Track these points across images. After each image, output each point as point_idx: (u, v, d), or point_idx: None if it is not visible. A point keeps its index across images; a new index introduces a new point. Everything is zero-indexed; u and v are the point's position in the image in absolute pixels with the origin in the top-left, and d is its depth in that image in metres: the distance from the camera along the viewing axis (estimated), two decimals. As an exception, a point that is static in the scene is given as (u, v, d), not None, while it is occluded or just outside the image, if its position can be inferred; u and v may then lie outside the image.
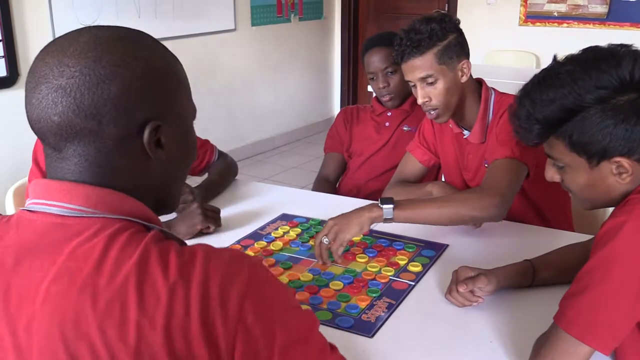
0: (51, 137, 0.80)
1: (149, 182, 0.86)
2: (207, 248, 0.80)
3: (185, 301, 0.74)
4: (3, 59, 3.57)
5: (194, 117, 0.93)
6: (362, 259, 1.65)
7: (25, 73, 3.57)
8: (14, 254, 0.78)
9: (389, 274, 1.57)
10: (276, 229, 1.87)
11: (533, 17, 5.22)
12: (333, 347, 0.88)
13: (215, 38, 4.91)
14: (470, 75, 1.87)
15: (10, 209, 1.93)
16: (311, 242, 1.74)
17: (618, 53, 1.10)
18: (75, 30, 0.82)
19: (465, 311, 1.42)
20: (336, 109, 6.51)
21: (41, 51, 0.82)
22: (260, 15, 5.42)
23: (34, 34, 3.64)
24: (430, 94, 1.81)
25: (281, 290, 0.84)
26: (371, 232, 1.81)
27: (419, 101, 1.83)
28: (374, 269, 1.59)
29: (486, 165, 1.88)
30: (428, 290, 1.51)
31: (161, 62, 0.85)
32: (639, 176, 1.13)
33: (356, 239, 1.77)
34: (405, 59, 1.80)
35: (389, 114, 2.42)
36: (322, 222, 1.89)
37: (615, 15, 5.00)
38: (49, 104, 0.78)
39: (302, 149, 5.81)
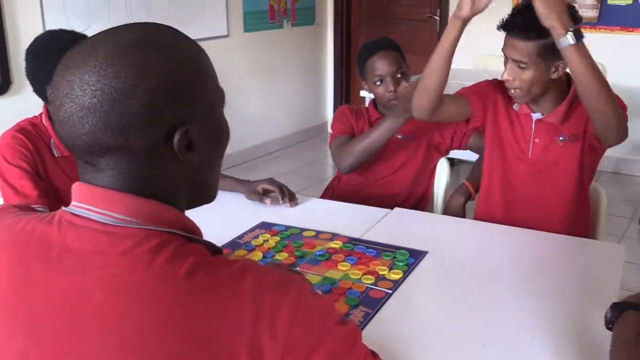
0: (83, 153, 0.80)
1: (185, 181, 0.86)
2: (252, 263, 0.82)
3: (238, 313, 0.76)
4: (-5, 67, 3.58)
5: (223, 102, 0.91)
6: (343, 267, 1.66)
7: (17, 80, 3.60)
8: (57, 256, 0.79)
9: (369, 282, 1.58)
10: (256, 237, 1.87)
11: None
12: (375, 354, 0.90)
13: (208, 44, 4.80)
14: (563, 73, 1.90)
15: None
16: None
17: None
18: (92, 39, 0.81)
19: (442, 321, 1.44)
20: (329, 114, 6.51)
21: (61, 64, 0.80)
22: (253, 21, 5.44)
23: (27, 41, 3.58)
24: (516, 76, 1.86)
25: (327, 304, 0.86)
26: (350, 240, 1.83)
27: (504, 77, 1.89)
28: (355, 277, 1.60)
29: (561, 139, 1.95)
30: (405, 299, 1.52)
31: (183, 60, 0.82)
32: None
33: (337, 244, 1.80)
34: (512, 33, 1.85)
35: None
36: (302, 230, 1.91)
37: (605, 19, 5.04)
38: (76, 123, 0.77)
39: (295, 154, 5.83)
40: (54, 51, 1.78)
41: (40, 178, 1.84)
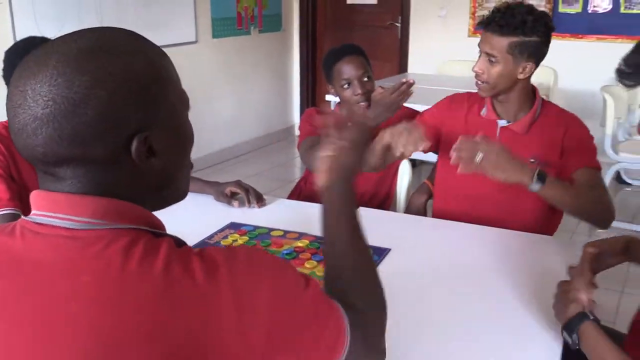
0: (39, 164, 0.77)
1: (150, 183, 0.82)
2: (217, 250, 0.81)
3: (218, 302, 0.74)
4: (-34, 72, 3.52)
5: (187, 107, 0.86)
6: (310, 265, 1.67)
7: (-13, 85, 3.55)
8: (26, 270, 0.74)
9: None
10: (225, 237, 1.86)
11: (481, 29, 5.28)
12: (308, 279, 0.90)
13: (177, 50, 4.86)
14: (529, 77, 1.96)
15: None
16: None
17: None
18: (44, 47, 0.76)
19: (404, 315, 1.45)
20: (296, 117, 6.52)
21: (14, 74, 0.76)
22: (221, 28, 5.42)
23: None
24: (485, 69, 1.91)
25: (292, 277, 0.86)
26: (317, 239, 1.83)
27: (475, 69, 1.93)
28: (320, 274, 1.59)
29: (533, 161, 1.92)
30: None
31: (141, 66, 0.77)
32: None
33: (303, 243, 1.80)
34: (488, 28, 1.91)
35: (349, 124, 2.43)
36: (270, 230, 1.91)
37: (557, 26, 5.10)
38: (30, 134, 0.73)
39: (263, 157, 5.82)
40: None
41: (14, 181, 1.81)
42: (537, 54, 1.90)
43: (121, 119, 0.75)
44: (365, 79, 2.32)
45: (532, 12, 1.87)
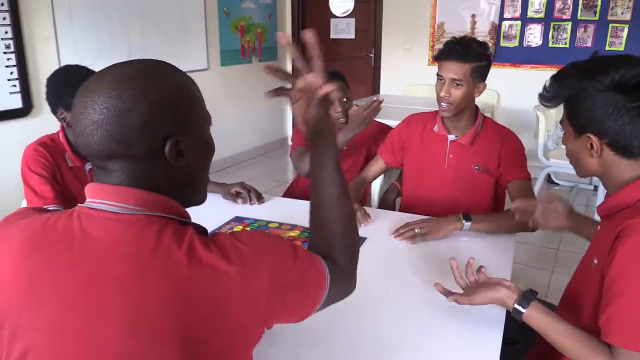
0: (94, 159, 0.81)
1: (178, 180, 0.85)
2: (228, 236, 0.84)
3: (227, 276, 0.77)
4: (19, 94, 3.49)
5: (209, 123, 0.91)
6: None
7: (37, 105, 3.52)
8: (79, 242, 0.78)
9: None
10: (231, 228, 1.85)
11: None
12: (317, 257, 0.91)
13: (192, 75, 4.70)
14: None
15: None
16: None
17: (614, 61, 1.09)
18: (101, 71, 0.82)
19: (378, 293, 1.45)
20: (288, 130, 6.50)
21: (78, 91, 0.81)
22: (228, 57, 5.40)
23: (44, 73, 3.50)
24: (452, 92, 1.88)
25: (285, 249, 0.87)
26: (306, 229, 1.82)
27: (442, 93, 1.90)
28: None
29: (476, 168, 1.97)
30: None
31: (173, 87, 0.82)
32: (604, 161, 1.13)
33: (295, 233, 1.80)
34: (450, 58, 1.87)
35: None
36: (268, 223, 1.90)
37: (499, 57, 5.16)
38: (88, 135, 0.78)
39: (261, 162, 5.79)
40: (68, 81, 1.75)
41: (57, 183, 1.79)
42: (486, 75, 1.92)
43: (157, 125, 0.79)
44: (345, 99, 2.33)
45: (479, 42, 1.90)
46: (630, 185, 1.11)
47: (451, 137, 2.02)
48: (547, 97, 1.19)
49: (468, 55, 1.85)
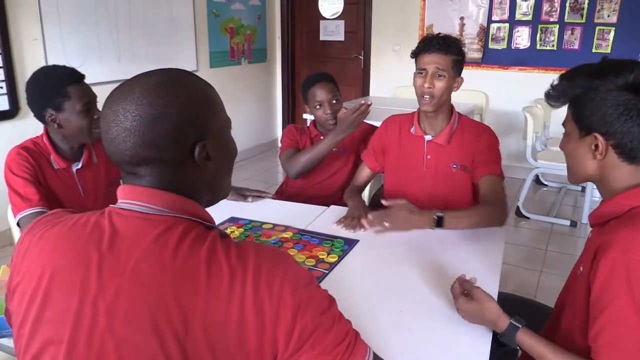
0: (125, 165, 0.84)
1: (204, 183, 0.88)
2: (253, 243, 0.86)
3: (243, 279, 0.78)
4: (6, 96, 3.46)
5: (229, 127, 0.94)
6: (292, 252, 1.66)
7: (24, 107, 3.48)
8: (108, 238, 0.81)
9: (310, 264, 1.58)
10: (225, 229, 1.85)
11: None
12: (348, 320, 0.90)
13: None
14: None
15: (16, 236, 1.82)
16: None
17: (628, 63, 1.09)
18: (129, 81, 0.85)
19: (368, 294, 1.45)
20: (278, 132, 6.51)
21: (107, 99, 0.84)
22: (217, 59, 5.39)
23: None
24: (434, 84, 1.88)
25: (309, 273, 0.87)
26: (299, 231, 1.83)
27: (425, 85, 1.88)
28: (299, 260, 1.60)
29: (454, 166, 1.96)
30: (339, 277, 1.53)
31: (198, 94, 0.86)
32: (606, 163, 1.12)
33: (288, 235, 1.80)
34: (431, 51, 1.87)
35: (322, 137, 2.41)
36: (262, 224, 1.90)
37: (488, 59, 5.19)
38: (120, 142, 0.81)
39: (252, 164, 5.78)
40: (52, 81, 1.73)
41: (41, 185, 1.78)
42: (461, 69, 1.94)
43: (186, 130, 0.82)
44: (334, 101, 2.34)
45: (454, 38, 1.92)
46: (622, 194, 1.11)
47: (427, 137, 2.02)
48: (555, 96, 1.17)
49: (449, 47, 1.87)
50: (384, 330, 1.26)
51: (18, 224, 1.72)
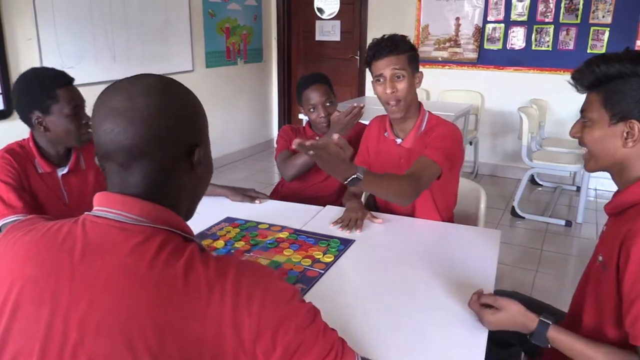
0: (121, 156, 0.81)
1: (187, 192, 0.88)
2: (234, 258, 0.84)
3: (222, 294, 0.76)
4: (1, 96, 3.44)
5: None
6: (288, 252, 1.66)
7: (19, 107, 3.47)
8: (81, 247, 0.79)
9: (306, 264, 1.57)
10: (221, 229, 1.85)
11: (423, 61, 5.29)
12: (332, 329, 0.88)
13: (177, 77, 4.74)
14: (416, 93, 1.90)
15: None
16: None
17: None
18: (132, 78, 0.85)
19: (364, 293, 1.45)
20: (274, 133, 6.50)
21: (106, 92, 0.83)
22: (213, 59, 5.38)
23: None
24: (397, 87, 1.83)
25: (292, 288, 0.84)
26: (295, 231, 1.82)
27: (388, 91, 1.84)
28: (296, 260, 1.60)
29: None
30: (336, 276, 1.53)
31: (193, 101, 0.88)
32: (634, 152, 1.11)
33: (284, 235, 1.80)
34: (383, 56, 1.82)
35: (317, 138, 2.41)
36: (258, 224, 1.90)
37: (483, 60, 5.20)
38: (121, 131, 0.79)
39: (247, 164, 5.78)
40: (42, 83, 1.71)
41: (25, 191, 1.71)
42: (418, 64, 1.89)
43: (187, 130, 0.84)
44: (328, 104, 2.34)
45: (400, 35, 1.86)
46: (637, 183, 1.12)
47: (398, 140, 2.00)
48: (588, 78, 1.14)
49: (399, 46, 1.83)
50: (379, 329, 1.26)
51: (0, 230, 1.69)
